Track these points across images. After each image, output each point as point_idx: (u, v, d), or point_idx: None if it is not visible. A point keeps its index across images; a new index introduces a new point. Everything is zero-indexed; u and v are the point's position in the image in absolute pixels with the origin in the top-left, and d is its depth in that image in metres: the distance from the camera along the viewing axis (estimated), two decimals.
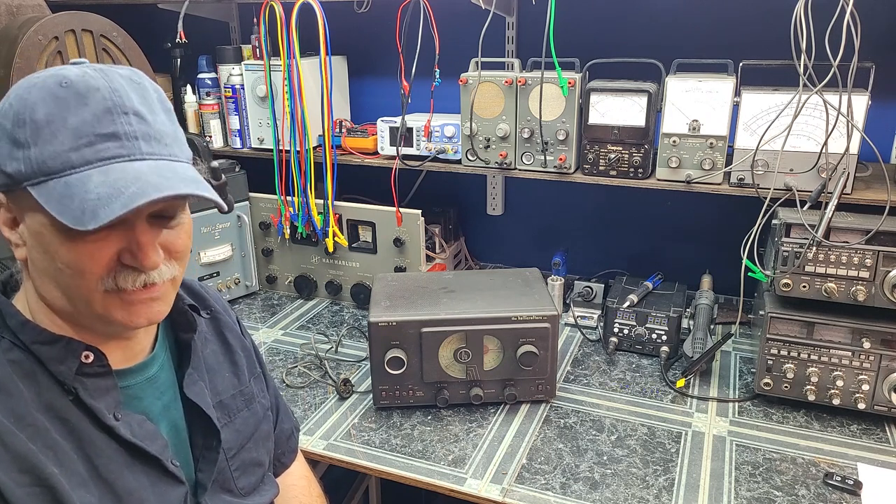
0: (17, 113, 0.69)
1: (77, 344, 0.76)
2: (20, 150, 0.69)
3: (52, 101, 0.69)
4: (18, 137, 0.69)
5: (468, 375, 1.34)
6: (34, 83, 0.71)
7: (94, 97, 0.70)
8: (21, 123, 0.69)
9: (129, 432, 0.79)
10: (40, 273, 0.74)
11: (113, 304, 0.74)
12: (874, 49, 1.28)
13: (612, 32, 1.76)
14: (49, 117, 0.69)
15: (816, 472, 1.17)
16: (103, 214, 0.66)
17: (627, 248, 1.97)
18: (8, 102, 0.71)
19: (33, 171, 0.69)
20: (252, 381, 1.01)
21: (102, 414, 0.77)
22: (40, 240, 0.72)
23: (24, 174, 0.69)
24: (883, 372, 1.26)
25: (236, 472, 0.93)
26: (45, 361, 0.75)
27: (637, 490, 1.14)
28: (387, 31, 1.63)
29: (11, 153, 0.69)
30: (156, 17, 1.93)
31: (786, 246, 1.28)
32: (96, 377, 0.77)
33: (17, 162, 0.69)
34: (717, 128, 1.44)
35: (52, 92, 0.70)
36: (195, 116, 1.98)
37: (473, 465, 1.21)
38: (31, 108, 0.69)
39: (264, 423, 1.01)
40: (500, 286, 1.45)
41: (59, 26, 1.42)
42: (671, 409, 1.37)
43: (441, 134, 1.69)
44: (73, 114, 0.69)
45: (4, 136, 0.70)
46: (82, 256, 0.71)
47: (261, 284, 1.96)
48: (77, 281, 0.72)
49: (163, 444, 0.83)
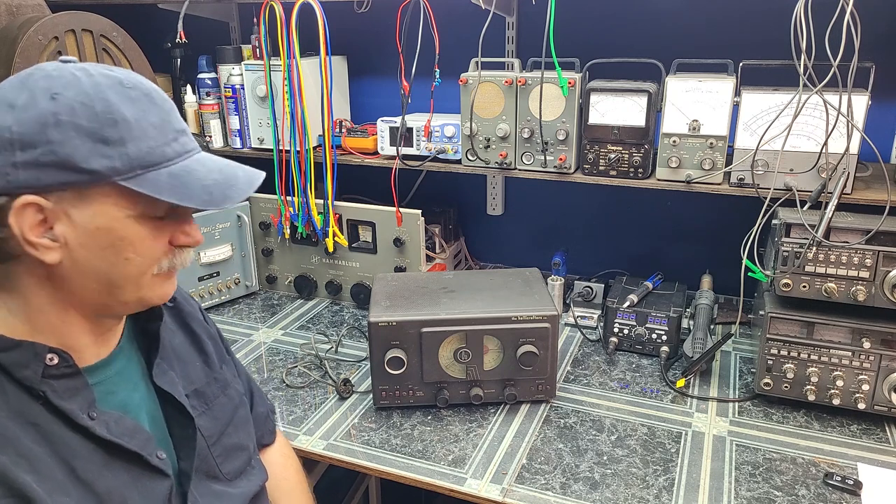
0: (102, 112, 0.73)
1: (40, 347, 0.76)
2: (111, 148, 0.73)
3: (129, 102, 0.75)
4: (109, 135, 0.73)
5: (468, 375, 1.34)
6: (96, 83, 0.74)
7: (157, 96, 0.78)
8: (111, 123, 0.73)
9: (106, 430, 0.78)
10: (84, 271, 0.76)
11: (156, 284, 0.82)
12: (874, 49, 1.28)
13: (612, 32, 1.76)
14: (136, 116, 0.74)
15: (816, 472, 1.17)
16: (235, 195, 0.80)
17: (627, 248, 1.97)
18: (75, 102, 0.72)
19: (130, 167, 0.74)
20: (223, 367, 1.03)
21: (75, 414, 0.76)
22: (107, 234, 0.75)
23: (118, 169, 0.73)
24: (883, 372, 1.26)
25: (219, 458, 0.94)
26: (9, 368, 0.74)
27: (637, 490, 1.14)
28: (387, 31, 1.63)
29: (97, 150, 0.72)
30: (156, 17, 1.93)
31: (786, 246, 1.28)
32: (64, 378, 0.77)
33: (107, 159, 0.72)
34: (717, 128, 1.44)
35: (124, 93, 0.75)
36: (195, 116, 1.98)
37: (473, 465, 1.21)
38: (118, 108, 0.73)
39: (241, 408, 1.03)
40: (500, 286, 1.45)
41: (59, 26, 1.42)
42: (671, 409, 1.37)
43: (441, 134, 1.69)
44: (151, 113, 0.76)
45: (84, 135, 0.72)
46: (153, 243, 0.79)
47: (261, 284, 1.96)
48: (140, 269, 0.79)
49: (146, 437, 0.83)
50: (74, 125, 0.71)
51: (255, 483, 1.00)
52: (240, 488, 0.97)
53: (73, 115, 0.71)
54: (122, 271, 0.78)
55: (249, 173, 0.84)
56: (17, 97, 0.72)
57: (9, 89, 0.73)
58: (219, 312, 1.84)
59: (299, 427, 1.32)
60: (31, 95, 0.71)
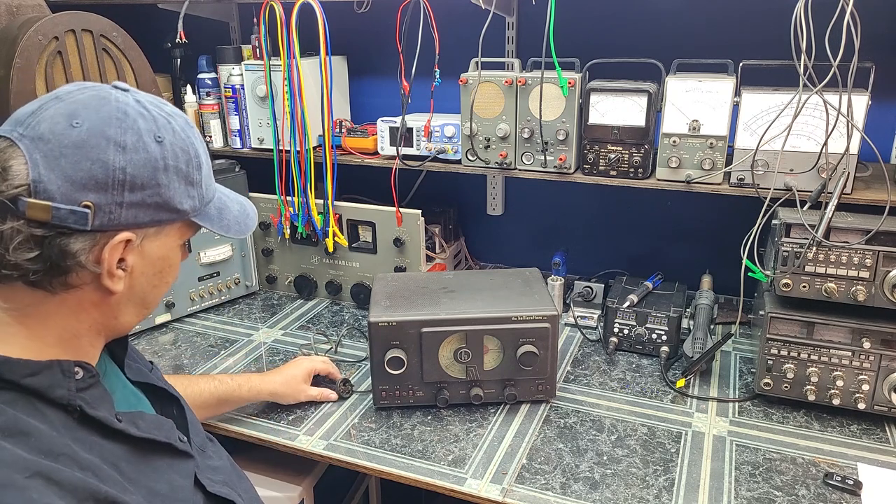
0: (193, 156, 0.80)
1: (67, 363, 0.76)
2: (194, 188, 0.81)
3: (199, 142, 0.83)
4: (194, 177, 0.81)
5: (468, 375, 1.34)
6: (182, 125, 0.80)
7: (198, 132, 0.85)
8: (197, 166, 0.81)
9: (136, 429, 0.80)
10: (133, 299, 0.81)
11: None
12: (874, 49, 1.28)
13: (612, 32, 1.76)
14: (205, 156, 0.84)
15: (816, 472, 1.17)
16: (251, 223, 0.93)
17: (627, 248, 1.97)
18: (177, 147, 0.78)
19: (202, 203, 0.83)
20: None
21: (109, 420, 0.77)
22: (163, 262, 0.82)
23: (196, 208, 0.82)
24: (883, 372, 1.26)
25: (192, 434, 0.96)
26: (43, 391, 0.73)
27: (637, 490, 1.14)
28: (387, 31, 1.63)
29: (187, 192, 0.80)
30: (156, 17, 1.93)
31: (786, 246, 1.28)
32: (91, 388, 0.78)
33: (191, 199, 0.80)
34: (717, 128, 1.44)
35: (193, 132, 0.82)
36: (195, 116, 1.98)
37: (473, 465, 1.21)
38: (197, 150, 0.81)
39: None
40: (500, 286, 1.45)
41: (59, 26, 1.42)
42: (671, 409, 1.37)
43: (441, 134, 1.69)
44: (203, 150, 0.84)
45: (179, 177, 0.78)
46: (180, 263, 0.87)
47: (261, 284, 1.96)
48: (166, 290, 0.86)
49: (169, 426, 0.87)
50: (177, 169, 0.77)
51: (221, 451, 1.03)
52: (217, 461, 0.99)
53: (176, 159, 0.77)
54: (158, 293, 0.85)
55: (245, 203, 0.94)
56: (123, 137, 0.73)
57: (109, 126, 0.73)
58: (219, 312, 1.84)
59: (299, 427, 1.32)
60: (138, 137, 0.74)
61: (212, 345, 1.65)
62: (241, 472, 1.04)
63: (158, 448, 0.83)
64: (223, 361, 1.57)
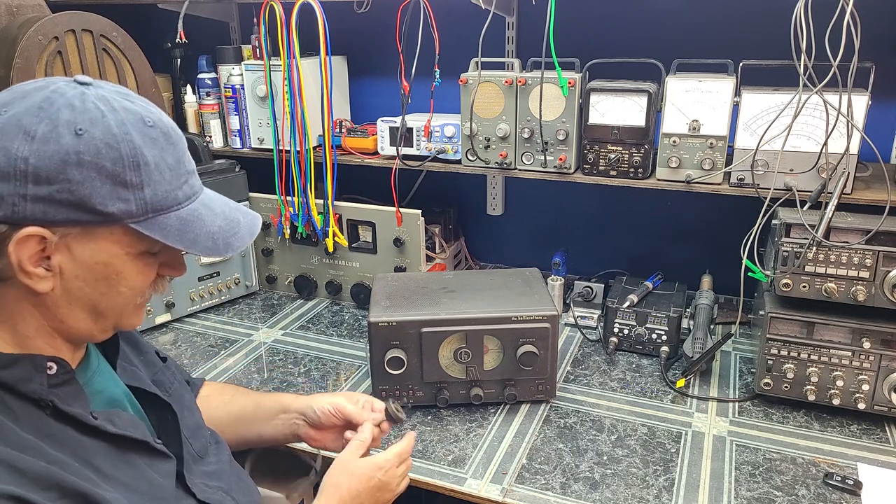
0: (126, 155, 0.72)
1: (39, 358, 0.76)
2: (129, 191, 0.72)
3: (151, 143, 0.74)
4: (130, 179, 0.72)
5: (468, 375, 1.34)
6: (121, 121, 0.72)
7: (174, 136, 0.78)
8: (134, 166, 0.72)
9: (113, 426, 0.80)
10: (73, 300, 0.76)
11: (136, 312, 0.84)
12: (874, 49, 1.28)
13: (612, 32, 1.76)
14: (155, 159, 0.75)
15: (816, 472, 1.17)
16: (237, 243, 0.82)
17: (627, 248, 1.97)
18: (100, 142, 0.70)
19: (144, 211, 0.74)
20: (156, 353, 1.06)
21: (84, 417, 0.77)
22: (104, 268, 0.75)
23: (133, 213, 0.73)
24: (883, 372, 1.26)
25: (191, 439, 0.96)
26: (13, 384, 0.73)
27: (637, 490, 1.14)
28: (387, 31, 1.63)
29: (116, 193, 0.72)
30: (156, 17, 1.93)
31: (786, 246, 1.28)
32: (65, 385, 0.77)
33: (124, 203, 0.72)
34: (717, 128, 1.44)
35: (146, 133, 0.74)
36: (195, 116, 1.98)
37: (473, 465, 1.21)
38: (140, 151, 0.73)
39: (186, 391, 1.05)
40: (500, 286, 1.45)
41: (59, 26, 1.42)
42: (671, 409, 1.37)
43: (441, 134, 1.69)
44: (167, 154, 0.76)
45: (105, 177, 0.71)
46: (146, 277, 0.80)
47: (261, 284, 1.96)
48: (129, 300, 0.80)
49: (143, 427, 0.86)
50: (97, 166, 0.70)
51: (224, 458, 1.02)
52: (215, 465, 0.98)
53: (97, 155, 0.70)
54: (111, 302, 0.78)
55: (249, 220, 0.86)
56: (36, 126, 0.69)
57: (26, 115, 0.69)
58: (219, 312, 1.84)
59: None
60: (52, 127, 0.69)
61: (212, 345, 1.65)
62: (241, 476, 1.04)
63: (136, 446, 0.82)
64: (223, 361, 1.57)
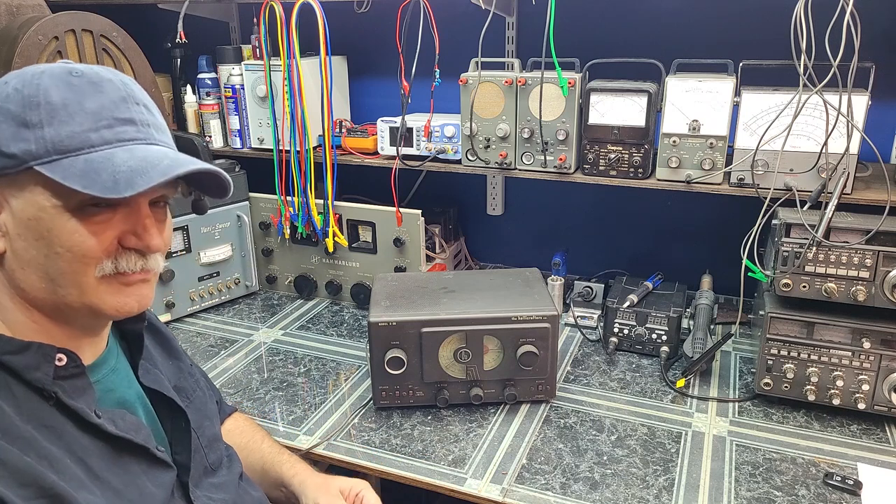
0: (28, 96, 0.71)
1: (49, 348, 0.76)
2: (30, 131, 0.70)
3: (65, 87, 0.72)
4: (29, 119, 0.70)
5: (468, 375, 1.34)
6: (42, 70, 0.73)
7: (108, 86, 0.74)
8: (34, 106, 0.70)
9: (114, 427, 0.79)
10: (24, 264, 0.74)
11: (107, 290, 0.77)
12: (874, 49, 1.27)
13: (612, 32, 1.76)
14: (65, 101, 0.71)
15: (816, 472, 1.17)
16: (141, 182, 0.70)
17: (627, 248, 1.97)
18: (11, 87, 0.72)
19: (46, 151, 0.70)
20: (192, 364, 1.06)
21: (86, 413, 0.76)
22: (37, 224, 0.72)
23: (34, 153, 0.70)
24: (883, 372, 1.26)
25: (206, 450, 0.96)
26: (20, 371, 0.73)
27: (637, 490, 1.14)
28: (387, 31, 1.63)
29: (18, 134, 0.70)
30: (156, 17, 1.93)
31: (786, 246, 1.28)
32: (72, 378, 0.77)
33: (24, 143, 0.70)
34: (717, 128, 1.44)
35: (65, 79, 0.73)
36: (195, 116, 1.98)
37: (473, 465, 1.21)
38: (45, 92, 0.71)
39: (210, 402, 1.05)
40: (500, 286, 1.45)
41: (59, 26, 1.42)
42: (671, 409, 1.37)
43: (441, 134, 1.69)
44: (89, 99, 0.72)
45: (11, 120, 0.71)
46: (86, 238, 0.73)
47: (261, 284, 1.96)
48: (74, 266, 0.74)
49: (147, 433, 0.84)
50: (4, 110, 0.71)
51: (235, 471, 1.02)
52: (224, 477, 0.98)
53: (6, 100, 0.71)
54: (56, 266, 0.73)
55: (178, 161, 0.75)
56: None
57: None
58: (219, 312, 1.84)
59: (299, 427, 1.32)
60: None
61: (212, 345, 1.65)
62: (249, 488, 1.03)
63: (135, 451, 0.81)
64: (223, 361, 1.57)
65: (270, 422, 1.34)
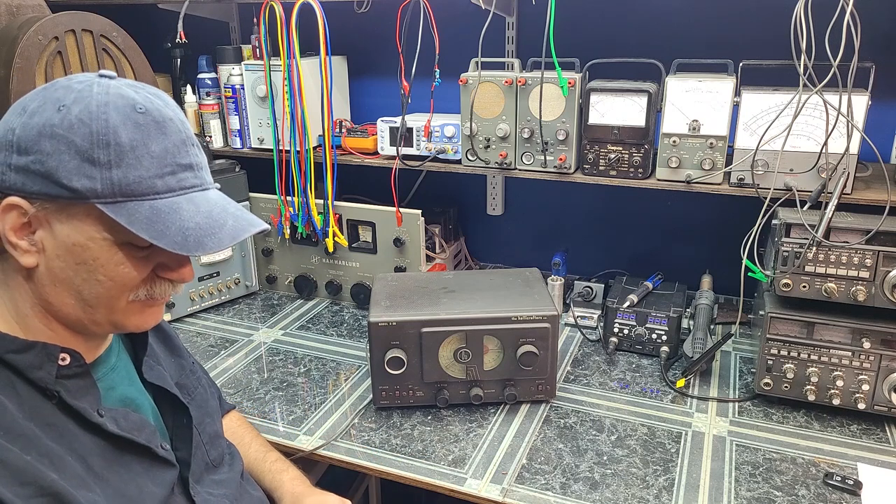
0: (96, 132, 0.72)
1: (52, 347, 0.77)
2: (96, 169, 0.72)
3: (133, 127, 0.73)
4: (98, 157, 0.71)
5: (468, 375, 1.34)
6: (105, 101, 0.73)
7: (170, 127, 0.76)
8: (103, 145, 0.72)
9: (116, 426, 0.80)
10: (58, 282, 0.76)
11: (132, 311, 0.80)
12: (874, 49, 1.28)
13: (612, 32, 1.76)
14: (133, 142, 0.73)
15: (816, 472, 1.18)
16: (211, 244, 0.76)
17: (627, 248, 1.97)
18: (74, 117, 0.72)
19: (112, 192, 0.72)
20: (190, 358, 1.06)
21: (88, 412, 0.77)
22: (82, 251, 0.74)
23: (98, 192, 0.72)
24: (883, 372, 1.26)
25: (207, 446, 0.96)
26: (23, 369, 0.74)
27: (637, 490, 1.14)
28: (387, 31, 1.63)
29: (82, 169, 0.71)
30: (156, 17, 1.93)
31: (786, 246, 1.28)
32: (75, 377, 0.78)
33: (89, 180, 0.71)
34: (717, 128, 1.44)
35: (131, 117, 0.73)
36: (195, 116, 1.98)
37: (473, 465, 1.21)
38: (115, 131, 0.72)
39: (212, 399, 1.06)
40: (500, 286, 1.45)
41: (59, 26, 1.42)
42: (671, 409, 1.37)
43: (441, 134, 1.69)
44: (154, 141, 0.74)
45: (74, 152, 0.71)
46: (130, 270, 0.77)
47: (261, 284, 1.96)
48: (112, 292, 0.77)
49: (151, 430, 0.85)
50: (67, 140, 0.71)
51: (237, 469, 1.02)
52: (226, 474, 0.99)
53: (69, 130, 0.71)
54: (94, 291, 0.76)
55: (240, 223, 0.80)
56: (32, 102, 0.73)
57: (31, 94, 0.75)
58: (219, 312, 1.84)
59: (299, 427, 1.32)
60: (42, 103, 0.73)
61: (212, 345, 1.65)
62: (249, 488, 1.04)
63: (137, 449, 0.82)
64: (223, 361, 1.57)
65: (270, 422, 1.34)
